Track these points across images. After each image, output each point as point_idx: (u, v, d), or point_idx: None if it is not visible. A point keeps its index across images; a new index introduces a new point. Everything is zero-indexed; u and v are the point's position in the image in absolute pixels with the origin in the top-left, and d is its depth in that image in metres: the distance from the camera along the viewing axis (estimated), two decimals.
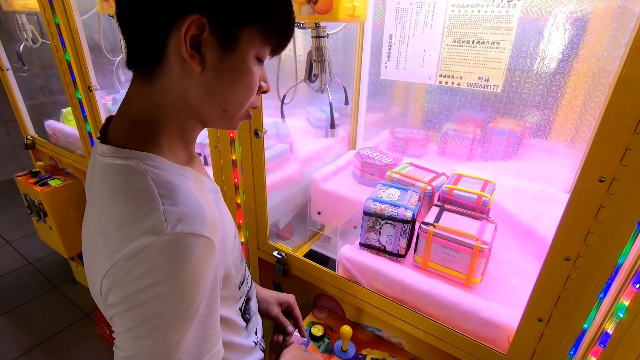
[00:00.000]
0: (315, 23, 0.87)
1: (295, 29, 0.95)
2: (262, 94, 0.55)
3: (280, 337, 0.78)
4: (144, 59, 0.46)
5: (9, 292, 2.19)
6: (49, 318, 2.01)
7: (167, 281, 0.40)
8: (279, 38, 0.49)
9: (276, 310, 0.79)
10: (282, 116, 1.13)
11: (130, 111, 0.48)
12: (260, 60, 0.49)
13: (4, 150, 3.47)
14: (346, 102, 1.14)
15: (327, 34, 0.93)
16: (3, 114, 3.33)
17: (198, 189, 0.50)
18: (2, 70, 1.82)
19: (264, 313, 0.78)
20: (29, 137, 1.95)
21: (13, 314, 2.04)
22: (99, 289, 0.42)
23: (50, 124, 1.83)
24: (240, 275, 0.62)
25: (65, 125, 1.79)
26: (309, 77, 0.99)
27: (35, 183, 1.73)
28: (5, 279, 2.29)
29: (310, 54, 0.95)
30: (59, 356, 1.81)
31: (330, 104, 0.99)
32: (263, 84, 0.52)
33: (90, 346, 1.84)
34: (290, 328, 0.79)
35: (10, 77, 1.85)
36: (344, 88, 1.12)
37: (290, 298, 0.82)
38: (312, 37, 0.91)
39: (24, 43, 1.70)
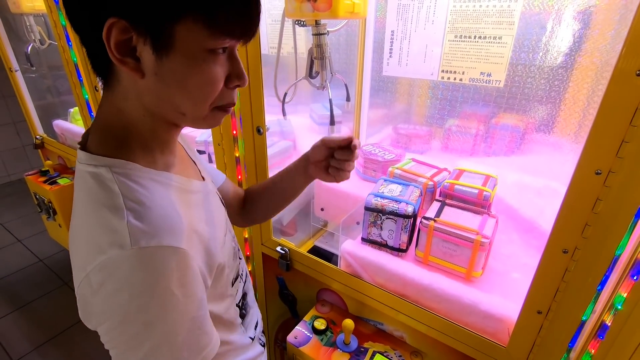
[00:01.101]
0: (316, 20, 0.88)
1: (296, 26, 0.96)
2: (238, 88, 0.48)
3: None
4: (98, 67, 0.45)
5: (20, 289, 2.24)
6: (60, 313, 2.05)
7: (143, 294, 0.41)
8: (235, 24, 0.42)
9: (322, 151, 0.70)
10: (284, 114, 1.14)
11: (100, 118, 0.48)
12: (222, 52, 0.43)
13: (14, 150, 3.53)
14: (347, 99, 1.15)
15: (328, 31, 0.93)
16: (13, 114, 3.39)
17: (175, 193, 0.49)
18: (12, 71, 1.86)
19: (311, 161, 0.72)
20: (38, 136, 1.99)
21: (25, 309, 2.09)
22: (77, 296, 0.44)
23: (59, 123, 1.87)
24: (233, 272, 0.62)
25: (73, 124, 1.82)
26: (310, 74, 1.00)
27: (45, 182, 1.77)
28: (17, 276, 2.34)
29: (310, 51, 0.96)
30: (70, 350, 1.85)
31: (330, 101, 0.99)
32: (235, 78, 0.46)
33: (99, 340, 1.88)
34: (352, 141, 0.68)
35: (19, 78, 1.89)
36: (345, 85, 1.13)
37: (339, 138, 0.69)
38: (313, 34, 0.92)
39: (32, 44, 1.73)
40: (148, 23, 0.39)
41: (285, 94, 1.09)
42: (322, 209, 1.29)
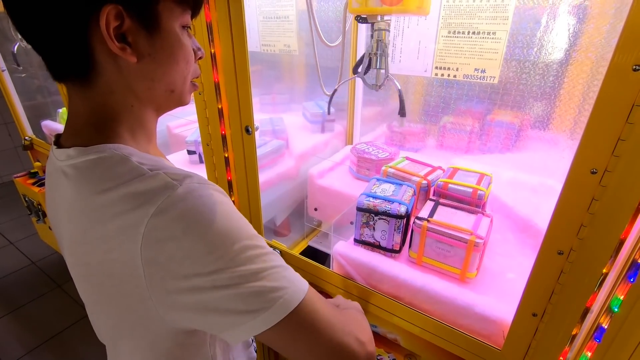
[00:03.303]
0: (381, 15, 0.84)
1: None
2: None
3: None
4: (72, 70, 0.44)
5: (13, 292, 2.21)
6: (53, 317, 2.03)
7: (214, 219, 0.40)
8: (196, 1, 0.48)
9: None
10: (329, 111, 1.12)
11: (79, 118, 0.46)
12: (186, 28, 0.48)
13: (6, 151, 3.49)
14: (402, 112, 0.99)
15: (388, 28, 0.89)
16: (4, 115, 3.35)
17: None
18: None
19: None
20: (26, 137, 1.95)
21: (18, 313, 2.06)
22: (135, 271, 0.40)
23: (47, 124, 1.83)
24: None
25: (62, 125, 1.79)
26: (357, 70, 0.96)
27: (34, 184, 1.74)
28: (10, 279, 2.32)
29: (369, 47, 0.91)
30: (64, 354, 1.83)
31: (399, 91, 0.95)
32: (197, 51, 0.51)
33: (93, 343, 1.86)
34: None
35: (7, 78, 1.85)
36: (399, 90, 0.97)
37: None
38: (375, 30, 0.88)
39: (18, 43, 1.69)
40: (140, 4, 0.41)
41: (335, 90, 1.07)
42: (315, 209, 1.27)
